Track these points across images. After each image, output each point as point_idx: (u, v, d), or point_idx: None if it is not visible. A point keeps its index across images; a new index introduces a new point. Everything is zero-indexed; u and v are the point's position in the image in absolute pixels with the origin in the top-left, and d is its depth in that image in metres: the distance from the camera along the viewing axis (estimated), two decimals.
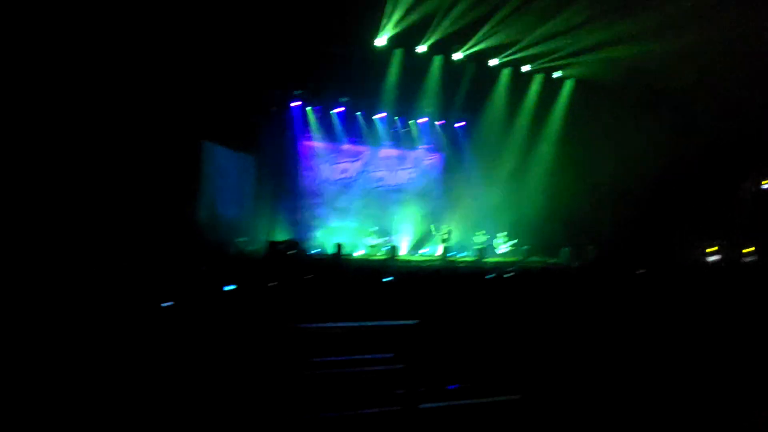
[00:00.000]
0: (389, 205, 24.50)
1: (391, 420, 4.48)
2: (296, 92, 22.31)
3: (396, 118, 24.56)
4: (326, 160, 23.90)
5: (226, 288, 8.16)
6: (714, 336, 6.73)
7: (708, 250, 22.36)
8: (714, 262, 21.84)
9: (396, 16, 19.32)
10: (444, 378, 5.20)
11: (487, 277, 11.91)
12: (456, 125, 25.69)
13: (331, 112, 23.50)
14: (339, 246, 19.08)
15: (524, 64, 23.17)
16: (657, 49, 19.13)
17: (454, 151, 25.76)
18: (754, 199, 23.60)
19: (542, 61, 22.79)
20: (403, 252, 22.72)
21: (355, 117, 23.90)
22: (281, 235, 20.64)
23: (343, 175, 24.20)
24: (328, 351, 4.87)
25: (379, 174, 24.84)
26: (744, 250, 22.08)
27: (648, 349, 6.11)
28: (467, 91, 23.72)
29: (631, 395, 5.11)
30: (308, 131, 23.32)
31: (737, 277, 14.31)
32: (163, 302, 6.29)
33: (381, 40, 20.54)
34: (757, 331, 6.86)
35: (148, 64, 14.94)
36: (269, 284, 9.14)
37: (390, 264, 17.46)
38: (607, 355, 6.01)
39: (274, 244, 18.20)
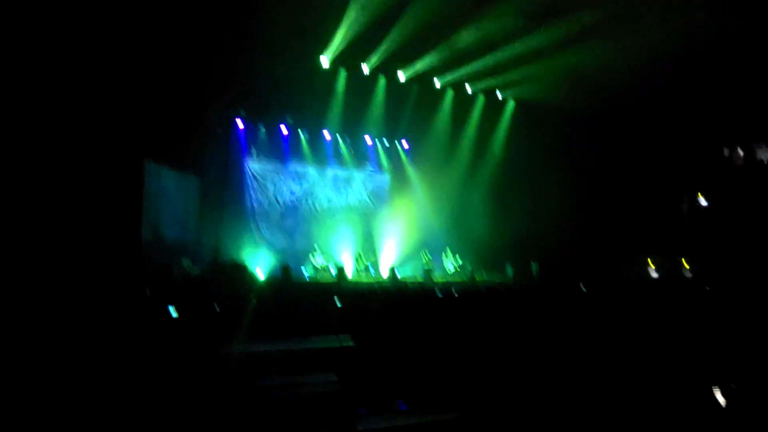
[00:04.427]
0: (337, 226, 24.37)
1: None
2: (241, 112, 22.15)
3: (341, 138, 24.61)
4: (273, 181, 23.68)
5: (171, 312, 8.01)
6: (652, 350, 6.90)
7: (650, 266, 22.98)
8: (656, 278, 22.43)
9: (340, 37, 19.46)
10: (383, 398, 5.19)
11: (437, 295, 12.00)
12: (401, 145, 25.90)
13: (276, 131, 23.39)
14: (287, 268, 18.89)
15: (467, 84, 23.59)
16: (599, 70, 19.68)
17: (400, 171, 25.90)
18: (692, 214, 24.34)
19: (485, 81, 23.22)
20: (350, 272, 22.59)
21: (301, 137, 23.83)
22: (227, 257, 20.27)
23: (290, 196, 24.01)
24: (269, 372, 4.81)
25: (326, 194, 24.77)
26: (685, 265, 22.77)
27: (587, 366, 6.23)
28: (412, 111, 23.95)
29: (568, 414, 5.19)
30: (254, 151, 23.13)
31: (677, 291, 14.73)
32: (107, 327, 6.14)
33: (325, 60, 20.66)
34: (697, 345, 7.06)
35: (90, 80, 14.61)
36: (214, 308, 9.01)
37: (338, 285, 17.38)
38: (545, 372, 6.10)
39: (219, 267, 17.88)
